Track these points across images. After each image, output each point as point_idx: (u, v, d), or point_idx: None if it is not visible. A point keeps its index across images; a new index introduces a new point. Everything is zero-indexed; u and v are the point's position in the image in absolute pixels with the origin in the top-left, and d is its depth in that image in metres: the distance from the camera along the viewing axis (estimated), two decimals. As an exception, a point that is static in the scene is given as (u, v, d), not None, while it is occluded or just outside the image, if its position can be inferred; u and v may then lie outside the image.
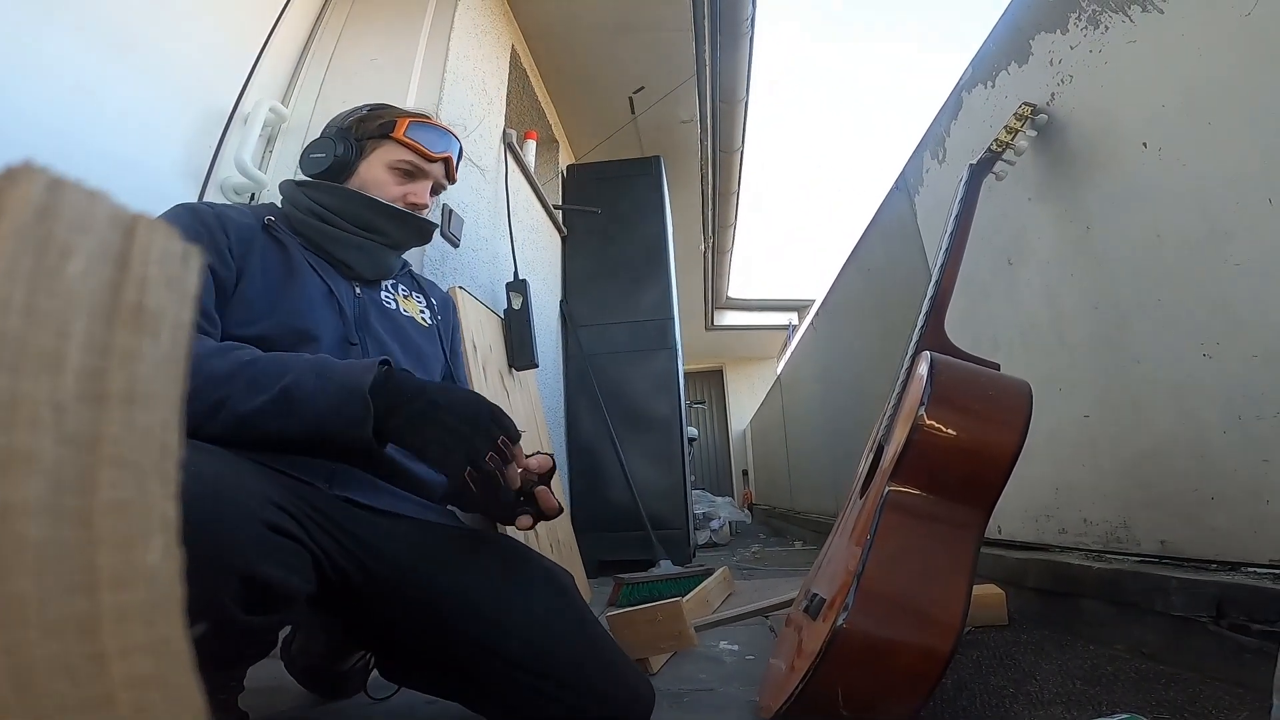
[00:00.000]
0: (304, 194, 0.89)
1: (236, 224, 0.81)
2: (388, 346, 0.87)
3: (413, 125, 0.92)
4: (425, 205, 0.93)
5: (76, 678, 0.17)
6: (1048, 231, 1.24)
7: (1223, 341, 0.86)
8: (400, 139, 0.91)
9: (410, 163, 0.92)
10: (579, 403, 2.70)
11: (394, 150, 0.91)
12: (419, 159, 0.92)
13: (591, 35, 2.71)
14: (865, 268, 2.43)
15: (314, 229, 0.87)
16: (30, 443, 0.17)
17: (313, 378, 0.66)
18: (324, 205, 0.88)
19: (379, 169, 0.91)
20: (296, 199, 0.90)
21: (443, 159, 0.94)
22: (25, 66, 1.04)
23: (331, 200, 0.88)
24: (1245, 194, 0.82)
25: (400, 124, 0.92)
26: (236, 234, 0.80)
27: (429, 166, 0.93)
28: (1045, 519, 1.29)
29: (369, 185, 0.90)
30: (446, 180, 0.97)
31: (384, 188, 0.90)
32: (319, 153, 0.90)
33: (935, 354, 0.85)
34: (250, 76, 1.55)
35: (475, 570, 0.77)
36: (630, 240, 2.92)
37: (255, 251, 0.81)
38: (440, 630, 0.72)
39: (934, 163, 1.73)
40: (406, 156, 0.91)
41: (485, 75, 2.10)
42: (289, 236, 0.85)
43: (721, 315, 6.61)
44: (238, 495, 0.56)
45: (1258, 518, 0.81)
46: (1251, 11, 0.79)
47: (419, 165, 0.92)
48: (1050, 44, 1.19)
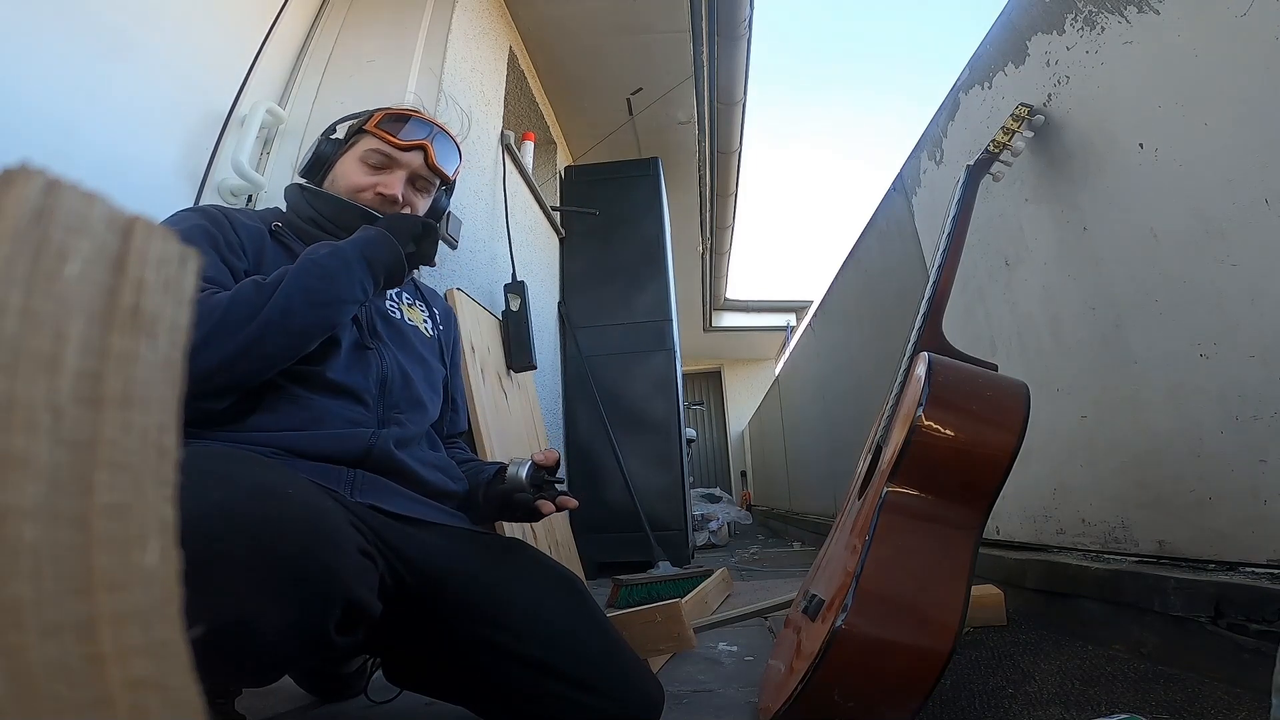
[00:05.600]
0: (305, 200, 0.90)
1: (245, 226, 0.82)
2: (395, 354, 0.87)
3: (386, 117, 0.92)
4: (394, 196, 0.90)
5: (74, 680, 0.17)
6: (1045, 232, 1.24)
7: (1219, 342, 0.87)
8: (371, 129, 0.91)
9: (379, 152, 0.90)
10: (577, 404, 2.70)
11: (366, 141, 0.91)
12: (388, 147, 0.90)
13: (589, 36, 2.71)
14: (863, 269, 2.43)
15: (314, 237, 0.88)
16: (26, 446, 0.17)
17: (327, 256, 0.76)
18: (321, 213, 0.89)
19: (351, 162, 0.90)
20: (298, 205, 0.90)
21: (415, 146, 0.91)
22: (23, 67, 1.03)
23: (327, 208, 0.89)
24: (1241, 194, 0.82)
25: (375, 116, 0.91)
26: (246, 235, 0.81)
27: (401, 156, 0.91)
28: (1043, 519, 1.29)
29: (339, 178, 0.90)
30: (430, 173, 0.93)
31: (351, 178, 0.89)
32: (310, 152, 0.93)
33: (933, 355, 0.85)
34: (247, 78, 1.55)
35: (503, 576, 0.78)
36: (628, 241, 2.92)
37: (266, 254, 0.81)
38: (468, 635, 0.72)
39: (931, 164, 1.73)
40: (374, 145, 0.90)
41: (483, 76, 2.10)
42: (295, 242, 0.86)
43: (719, 316, 6.61)
44: (337, 522, 0.58)
45: (1255, 517, 0.82)
46: (1246, 12, 0.80)
47: (389, 154, 0.90)
48: (1047, 45, 1.20)
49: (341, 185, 0.90)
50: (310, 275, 0.73)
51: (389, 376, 0.83)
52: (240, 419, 0.71)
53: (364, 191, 0.89)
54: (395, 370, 0.84)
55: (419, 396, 0.87)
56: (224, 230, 0.78)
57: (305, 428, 0.73)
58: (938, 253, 1.12)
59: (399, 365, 0.86)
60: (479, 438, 1.55)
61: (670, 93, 3.04)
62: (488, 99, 2.12)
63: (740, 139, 3.52)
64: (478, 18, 2.12)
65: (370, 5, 1.86)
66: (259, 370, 0.70)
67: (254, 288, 0.70)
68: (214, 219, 0.79)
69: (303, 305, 0.71)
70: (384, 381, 0.83)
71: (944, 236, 1.13)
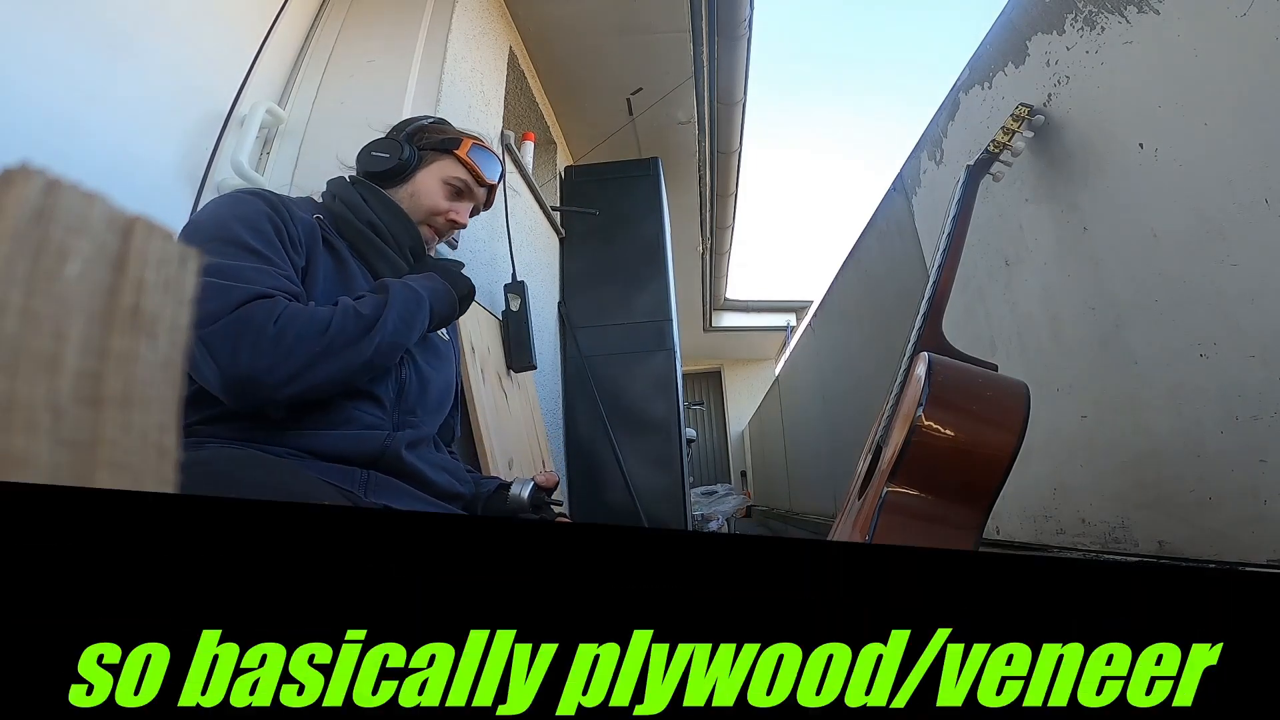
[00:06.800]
0: (367, 202, 0.89)
1: (301, 220, 0.82)
2: (412, 358, 0.88)
3: (475, 147, 0.96)
4: (464, 225, 0.96)
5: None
6: (1045, 232, 1.24)
7: (1219, 341, 0.87)
8: (461, 157, 0.94)
9: (464, 181, 0.95)
10: (577, 404, 2.70)
11: (452, 167, 0.94)
12: (473, 181, 0.95)
13: (590, 37, 2.71)
14: (863, 269, 2.43)
15: (364, 238, 0.88)
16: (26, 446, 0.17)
17: (414, 302, 0.80)
18: (383, 221, 0.89)
19: (434, 181, 0.93)
20: (357, 205, 0.89)
21: (491, 186, 0.98)
22: (22, 67, 1.03)
23: (393, 220, 0.89)
24: (1241, 194, 0.82)
25: (465, 143, 0.95)
26: (302, 228, 0.81)
27: (478, 190, 0.97)
28: (1043, 520, 1.29)
29: (420, 193, 0.92)
30: (485, 207, 1.00)
31: (434, 199, 0.93)
32: (383, 153, 0.92)
33: (933, 355, 0.85)
34: (247, 78, 1.55)
35: None
36: (628, 242, 2.92)
37: (318, 251, 0.82)
38: None
39: (931, 164, 1.73)
40: (462, 175, 0.94)
41: (483, 77, 2.10)
42: (337, 239, 0.86)
43: (720, 316, 6.61)
44: None
45: (1255, 518, 0.82)
46: (1247, 12, 0.80)
47: (471, 186, 0.96)
48: (1047, 45, 1.20)
49: (424, 203, 0.92)
50: (401, 320, 0.76)
51: (406, 380, 0.85)
52: (260, 419, 0.71)
53: (440, 215, 0.93)
54: (412, 374, 0.86)
55: (432, 400, 0.88)
56: (286, 222, 0.78)
57: (323, 428, 0.74)
58: (938, 253, 1.12)
59: (415, 369, 0.87)
60: (479, 438, 1.55)
61: (671, 93, 3.04)
62: (488, 99, 2.12)
63: (740, 139, 3.52)
64: (478, 18, 2.12)
65: (370, 5, 1.86)
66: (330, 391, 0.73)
67: (355, 318, 0.72)
68: (275, 207, 0.78)
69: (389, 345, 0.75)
70: (401, 385, 0.84)
71: (944, 236, 1.13)
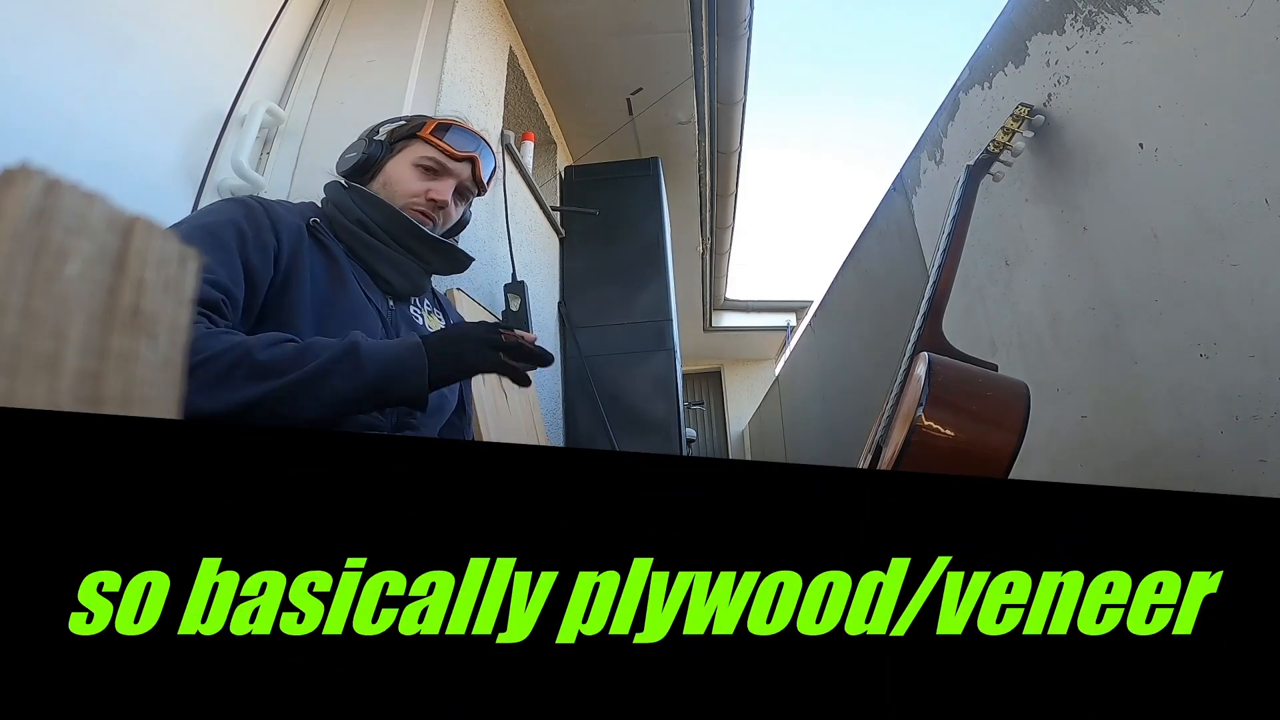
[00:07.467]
0: (353, 201, 0.90)
1: (288, 224, 0.81)
2: None
3: (439, 125, 0.95)
4: (444, 202, 0.93)
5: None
6: (1045, 232, 1.24)
7: (1219, 341, 0.87)
8: (425, 137, 0.93)
9: (434, 159, 0.93)
10: (577, 404, 2.70)
11: (420, 148, 0.93)
12: (442, 156, 0.93)
13: (590, 37, 2.71)
14: (863, 269, 2.43)
15: (358, 239, 0.88)
16: (27, 445, 0.17)
17: (366, 342, 0.69)
18: (370, 217, 0.89)
19: (403, 166, 0.92)
20: (345, 205, 0.90)
21: (467, 158, 0.95)
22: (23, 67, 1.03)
23: (376, 214, 0.89)
24: (1241, 194, 0.82)
25: (428, 124, 0.94)
26: (287, 232, 0.80)
27: (453, 165, 0.94)
28: (1043, 519, 1.29)
29: (391, 181, 0.92)
30: (473, 184, 0.98)
31: (406, 183, 0.91)
32: (352, 151, 0.93)
33: (933, 355, 0.85)
34: (247, 78, 1.55)
35: None
36: (628, 242, 2.92)
37: (304, 255, 0.81)
38: None
39: (931, 164, 1.73)
40: (429, 153, 0.93)
41: (483, 77, 2.11)
42: (333, 241, 0.86)
43: (720, 316, 6.61)
44: None
45: (1255, 517, 0.81)
46: (1247, 12, 0.80)
47: (442, 163, 0.94)
48: (1047, 45, 1.20)
49: (396, 189, 0.91)
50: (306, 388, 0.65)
51: None
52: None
53: (417, 197, 0.91)
54: None
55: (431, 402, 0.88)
56: (260, 230, 0.77)
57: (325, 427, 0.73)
58: (938, 253, 1.12)
59: None
60: (479, 438, 1.55)
61: (670, 93, 3.04)
62: (488, 99, 2.12)
63: (740, 139, 3.52)
64: (478, 18, 2.12)
65: (370, 5, 1.86)
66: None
67: (241, 360, 0.63)
68: (253, 215, 0.78)
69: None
70: None
71: (944, 236, 1.13)
